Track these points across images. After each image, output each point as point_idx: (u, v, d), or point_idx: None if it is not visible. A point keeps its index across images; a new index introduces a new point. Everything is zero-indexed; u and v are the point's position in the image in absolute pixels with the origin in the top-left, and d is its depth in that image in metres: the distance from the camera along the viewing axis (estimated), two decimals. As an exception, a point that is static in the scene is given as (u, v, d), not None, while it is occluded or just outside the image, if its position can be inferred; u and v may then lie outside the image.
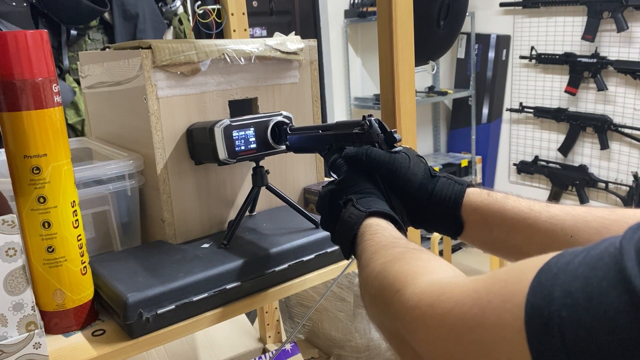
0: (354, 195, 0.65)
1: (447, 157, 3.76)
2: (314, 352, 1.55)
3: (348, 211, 0.63)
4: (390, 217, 0.62)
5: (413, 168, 0.66)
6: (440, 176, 0.67)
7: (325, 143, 0.76)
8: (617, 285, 0.30)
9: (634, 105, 3.05)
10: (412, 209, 0.67)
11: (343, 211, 0.64)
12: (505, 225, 0.59)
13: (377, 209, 0.62)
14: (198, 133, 0.85)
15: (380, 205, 0.63)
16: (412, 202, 0.66)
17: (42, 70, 0.65)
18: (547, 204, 0.58)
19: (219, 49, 0.89)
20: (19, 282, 0.62)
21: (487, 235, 0.62)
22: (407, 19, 0.95)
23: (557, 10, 3.26)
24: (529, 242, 0.57)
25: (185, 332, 0.74)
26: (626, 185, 3.14)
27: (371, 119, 0.70)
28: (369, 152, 0.67)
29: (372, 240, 0.57)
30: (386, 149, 0.68)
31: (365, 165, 0.67)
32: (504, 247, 0.60)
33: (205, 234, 0.92)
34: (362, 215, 0.61)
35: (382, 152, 0.67)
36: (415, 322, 0.43)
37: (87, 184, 0.84)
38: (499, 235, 0.60)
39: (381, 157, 0.66)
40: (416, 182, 0.66)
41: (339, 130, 0.74)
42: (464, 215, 0.63)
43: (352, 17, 3.26)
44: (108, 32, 2.03)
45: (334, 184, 0.69)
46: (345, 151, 0.69)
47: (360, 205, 0.62)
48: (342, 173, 0.69)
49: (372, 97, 3.36)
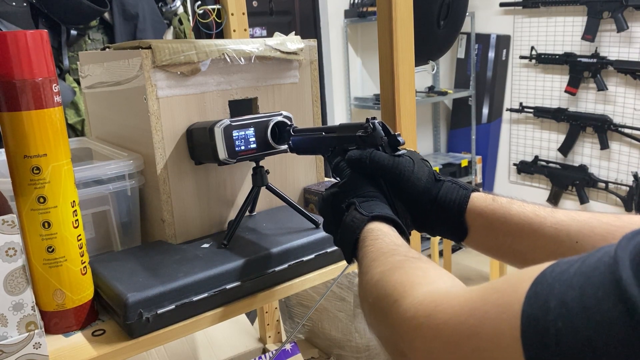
0: (356, 198, 0.64)
1: (447, 157, 3.76)
2: (314, 352, 1.54)
3: (350, 215, 0.63)
4: (393, 222, 0.61)
5: (417, 172, 0.66)
6: (444, 180, 0.66)
7: (328, 145, 0.76)
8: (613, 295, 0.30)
9: (634, 105, 3.05)
10: (416, 212, 0.67)
11: (345, 215, 0.64)
12: (510, 230, 0.59)
13: (380, 213, 0.61)
14: (198, 133, 0.85)
15: (383, 209, 0.62)
16: (416, 206, 0.66)
17: (42, 70, 0.65)
18: (552, 210, 0.57)
19: (219, 49, 0.89)
20: (19, 282, 0.62)
21: (492, 240, 0.62)
22: (407, 19, 0.95)
23: (557, 10, 3.26)
24: (534, 247, 0.57)
25: (185, 332, 0.74)
26: (626, 185, 3.14)
27: (375, 121, 0.69)
28: (372, 155, 0.67)
29: (373, 247, 0.56)
30: (390, 152, 0.67)
31: (369, 169, 0.67)
32: (508, 252, 0.60)
33: (205, 234, 0.92)
34: (365, 220, 0.60)
35: (385, 156, 0.66)
36: (412, 333, 0.43)
37: (87, 184, 0.84)
38: (504, 241, 0.60)
39: (385, 161, 0.66)
40: (420, 186, 0.65)
41: (342, 133, 0.74)
42: (468, 220, 0.63)
43: (352, 17, 3.26)
44: (108, 32, 2.03)
45: (337, 187, 0.68)
46: (349, 154, 0.69)
47: (362, 209, 0.62)
48: (345, 176, 0.68)
49: (372, 97, 3.36)
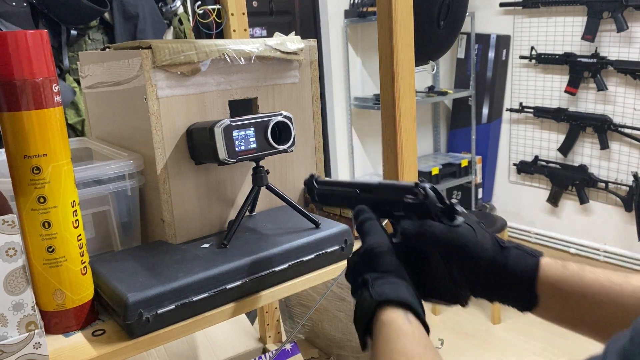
0: (370, 274, 0.60)
1: (447, 157, 3.76)
2: (314, 352, 1.54)
3: (362, 296, 0.59)
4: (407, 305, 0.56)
5: (481, 241, 0.60)
6: (510, 247, 0.61)
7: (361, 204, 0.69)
8: None
9: (634, 105, 3.04)
10: (477, 282, 0.62)
11: (358, 293, 0.60)
12: (586, 301, 0.56)
13: (391, 297, 0.56)
14: (198, 133, 0.86)
15: (398, 289, 0.57)
16: (478, 276, 0.61)
17: (42, 70, 0.65)
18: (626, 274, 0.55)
19: (219, 49, 0.89)
20: (19, 282, 0.62)
21: (566, 311, 0.58)
22: (407, 19, 0.95)
23: (557, 10, 3.26)
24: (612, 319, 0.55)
25: (185, 332, 0.74)
26: (626, 185, 3.14)
27: (426, 185, 0.63)
28: (430, 228, 0.61)
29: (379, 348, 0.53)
30: (447, 222, 0.61)
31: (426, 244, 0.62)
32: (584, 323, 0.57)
33: (205, 234, 0.92)
34: (373, 304, 0.56)
35: (443, 228, 0.61)
36: None
37: (87, 184, 0.84)
38: (579, 312, 0.57)
39: (445, 234, 0.60)
40: (486, 258, 0.60)
41: (384, 196, 0.67)
42: (539, 291, 0.59)
43: (352, 17, 3.26)
44: (108, 32, 2.03)
45: (358, 256, 0.64)
46: (404, 228, 0.63)
47: (374, 289, 0.57)
48: (367, 240, 0.64)
49: (372, 97, 3.36)
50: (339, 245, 0.88)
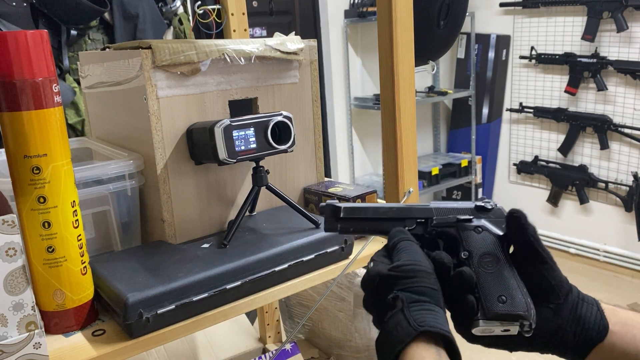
0: (405, 293, 0.52)
1: (447, 157, 3.76)
2: (314, 352, 1.54)
3: (395, 319, 0.51)
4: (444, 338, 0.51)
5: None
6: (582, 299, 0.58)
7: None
8: None
9: (633, 105, 3.04)
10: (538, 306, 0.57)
11: (389, 314, 0.52)
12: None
13: (431, 329, 0.50)
14: (198, 133, 0.86)
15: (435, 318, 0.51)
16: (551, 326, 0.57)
17: (42, 70, 0.65)
18: None
19: (219, 49, 0.89)
20: (19, 282, 0.62)
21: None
22: (407, 19, 0.95)
23: (557, 10, 3.26)
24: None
25: (185, 332, 0.74)
26: (626, 185, 3.13)
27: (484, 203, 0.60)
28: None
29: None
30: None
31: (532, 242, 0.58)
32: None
33: (205, 234, 0.92)
34: (411, 335, 0.49)
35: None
36: None
37: (87, 184, 0.84)
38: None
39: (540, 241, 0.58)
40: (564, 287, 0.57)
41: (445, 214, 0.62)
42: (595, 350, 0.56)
43: (352, 17, 3.26)
44: (108, 32, 2.03)
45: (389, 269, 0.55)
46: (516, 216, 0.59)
47: (411, 314, 0.51)
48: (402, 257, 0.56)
49: (372, 97, 3.36)
50: (339, 245, 0.88)
